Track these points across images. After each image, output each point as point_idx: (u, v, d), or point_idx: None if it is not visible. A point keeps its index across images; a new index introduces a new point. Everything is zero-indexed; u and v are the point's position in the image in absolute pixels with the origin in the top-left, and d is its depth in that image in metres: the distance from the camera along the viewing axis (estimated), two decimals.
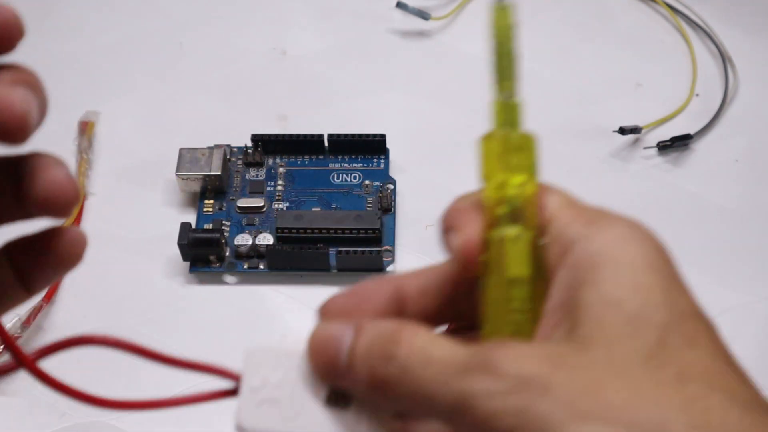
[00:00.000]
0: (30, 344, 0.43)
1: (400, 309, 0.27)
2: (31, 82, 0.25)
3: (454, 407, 0.22)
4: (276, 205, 0.47)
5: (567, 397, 0.20)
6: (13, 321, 0.43)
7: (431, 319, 0.27)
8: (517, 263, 0.26)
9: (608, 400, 0.20)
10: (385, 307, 0.27)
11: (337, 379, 0.25)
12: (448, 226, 0.26)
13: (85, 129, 0.50)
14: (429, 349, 0.23)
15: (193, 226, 0.46)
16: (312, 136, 0.48)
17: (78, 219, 0.47)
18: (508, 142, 0.27)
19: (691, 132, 0.49)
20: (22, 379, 0.41)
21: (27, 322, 0.43)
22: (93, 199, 0.48)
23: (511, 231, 0.26)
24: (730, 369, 0.21)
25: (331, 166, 0.48)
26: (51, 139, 0.54)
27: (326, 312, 0.27)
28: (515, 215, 0.26)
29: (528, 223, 0.26)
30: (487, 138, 0.26)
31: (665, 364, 0.21)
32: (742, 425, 0.20)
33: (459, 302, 0.27)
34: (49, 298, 0.44)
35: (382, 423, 0.24)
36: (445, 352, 0.23)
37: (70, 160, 0.50)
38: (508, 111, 0.27)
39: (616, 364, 0.21)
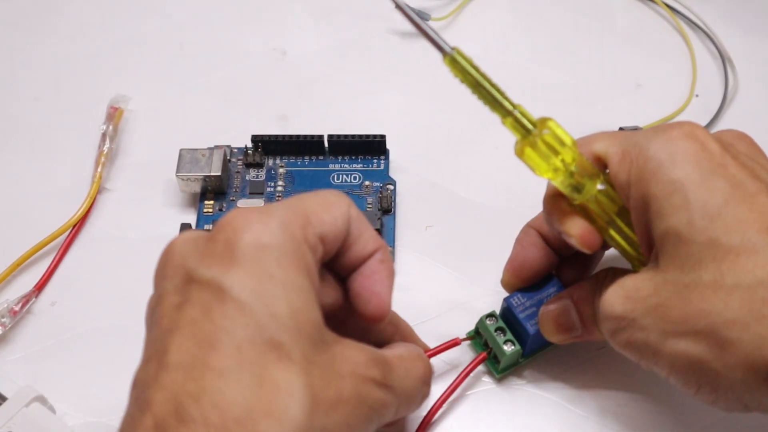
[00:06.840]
0: (20, 333, 0.43)
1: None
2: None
3: None
4: None
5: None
6: (1, 308, 0.43)
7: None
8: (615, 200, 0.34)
9: None
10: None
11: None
12: (549, 215, 0.35)
13: (114, 115, 0.50)
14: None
15: (193, 226, 0.46)
16: (312, 136, 0.48)
17: (85, 217, 0.47)
18: (536, 145, 0.32)
19: None
20: (23, 379, 0.42)
21: (14, 312, 0.42)
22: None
23: (593, 188, 0.33)
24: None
25: (331, 166, 0.48)
26: (68, 134, 0.53)
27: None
28: (579, 184, 0.33)
29: (594, 175, 0.33)
30: (520, 151, 0.32)
31: None
32: None
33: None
34: (39, 288, 0.44)
35: None
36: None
37: (91, 150, 0.49)
38: (516, 125, 0.33)
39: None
